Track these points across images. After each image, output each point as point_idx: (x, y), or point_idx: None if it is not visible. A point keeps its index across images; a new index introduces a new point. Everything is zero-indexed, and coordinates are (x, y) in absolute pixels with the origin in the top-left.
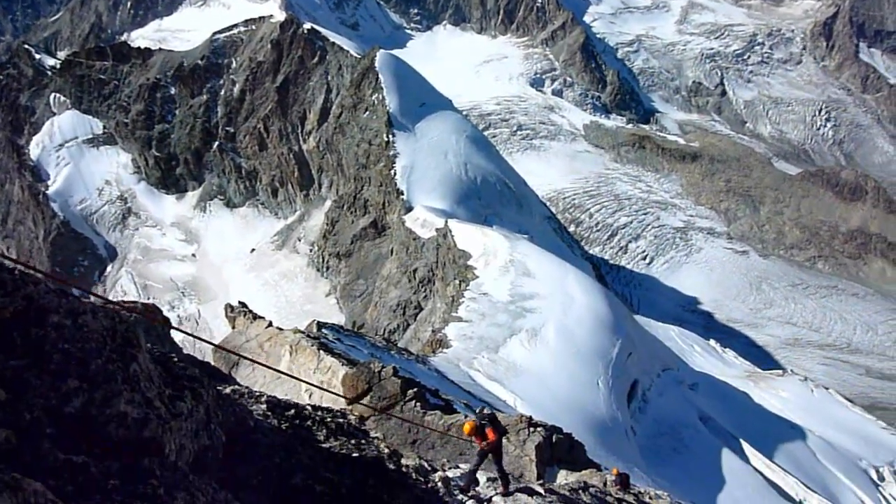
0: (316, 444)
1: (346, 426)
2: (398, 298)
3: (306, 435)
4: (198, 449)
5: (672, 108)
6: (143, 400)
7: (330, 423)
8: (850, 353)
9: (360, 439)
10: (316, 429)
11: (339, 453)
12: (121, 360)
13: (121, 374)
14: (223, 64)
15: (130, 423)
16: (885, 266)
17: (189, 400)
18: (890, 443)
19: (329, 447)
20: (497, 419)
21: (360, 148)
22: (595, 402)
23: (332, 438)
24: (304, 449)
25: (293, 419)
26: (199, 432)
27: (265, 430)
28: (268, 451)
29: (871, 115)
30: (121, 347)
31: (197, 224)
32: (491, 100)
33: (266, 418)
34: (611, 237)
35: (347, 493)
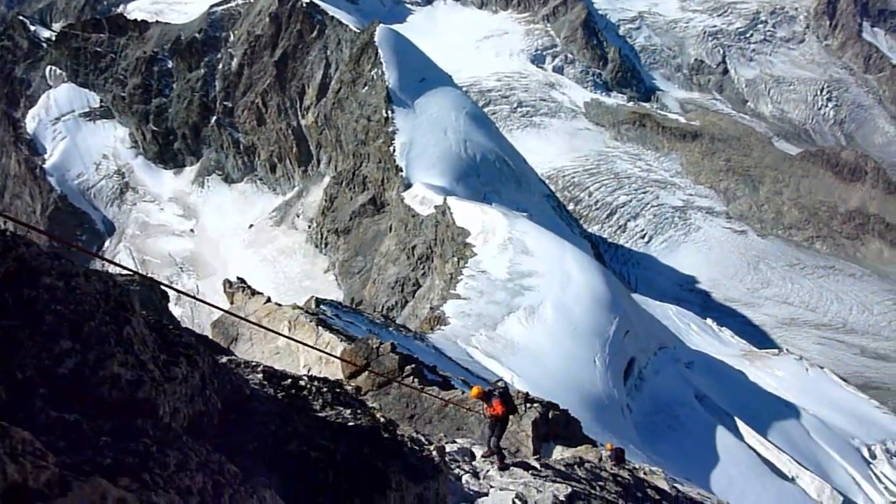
0: (312, 413)
1: (343, 396)
2: (397, 275)
3: (302, 404)
4: (193, 414)
5: (673, 87)
6: (136, 362)
7: (326, 394)
8: (846, 332)
9: (356, 409)
10: (312, 398)
11: (334, 422)
12: (114, 323)
13: (114, 337)
14: (221, 37)
15: (124, 385)
16: (883, 247)
17: (184, 366)
18: (882, 422)
19: (325, 416)
20: (510, 395)
21: (358, 124)
22: (591, 380)
23: (328, 408)
24: (300, 417)
25: (289, 389)
26: (194, 397)
27: (261, 399)
28: (263, 419)
29: (873, 95)
30: (114, 311)
31: (195, 199)
32: (491, 76)
33: (262, 387)
34: (610, 215)
35: (342, 460)
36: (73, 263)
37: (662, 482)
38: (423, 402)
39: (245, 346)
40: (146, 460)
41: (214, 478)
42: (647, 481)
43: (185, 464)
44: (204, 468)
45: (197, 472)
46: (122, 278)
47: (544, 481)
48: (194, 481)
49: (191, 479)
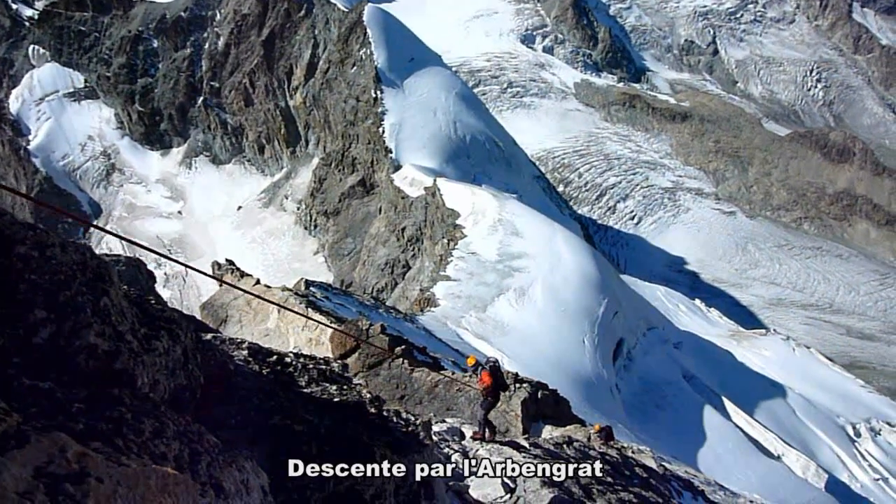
0: (297, 389)
1: (329, 373)
2: (386, 257)
3: (288, 380)
4: (174, 387)
5: (663, 67)
6: (114, 333)
7: (312, 370)
8: (832, 313)
9: (342, 385)
10: (298, 375)
11: (320, 398)
12: (91, 294)
13: (90, 307)
14: (207, 16)
15: (101, 355)
16: (870, 228)
17: (165, 339)
18: (867, 401)
19: (310, 392)
20: (500, 372)
21: (347, 104)
22: (581, 360)
23: (313, 384)
24: (285, 393)
25: (275, 365)
26: (175, 371)
27: (246, 374)
28: (247, 394)
29: (862, 76)
30: (91, 281)
31: (182, 181)
32: (481, 56)
33: (247, 364)
34: (599, 197)
35: (326, 433)
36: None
37: (650, 460)
38: (413, 382)
39: (234, 328)
40: (120, 427)
41: (192, 446)
42: (636, 460)
43: (160, 432)
44: (181, 437)
45: (173, 441)
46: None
47: (533, 460)
48: (170, 448)
49: (166, 447)
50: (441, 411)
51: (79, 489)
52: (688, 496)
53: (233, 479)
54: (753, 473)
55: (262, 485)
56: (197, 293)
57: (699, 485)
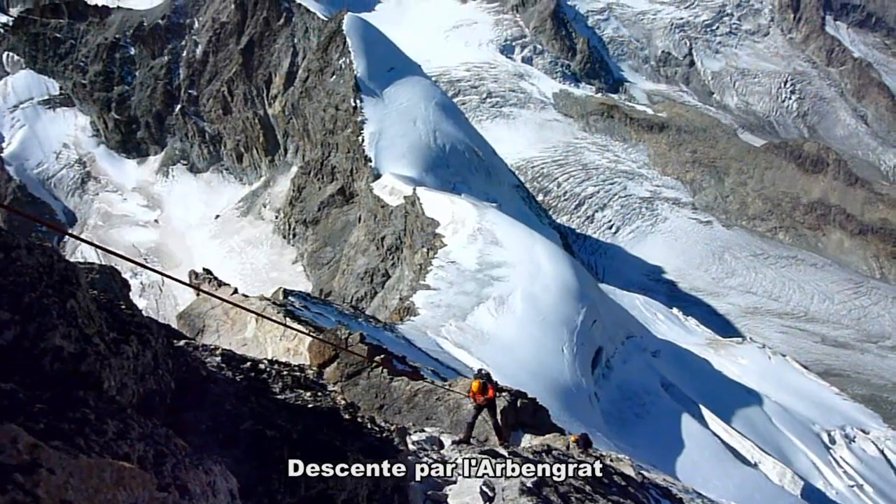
0: (271, 395)
1: (304, 380)
2: (366, 266)
3: (261, 387)
4: (144, 391)
5: (641, 78)
6: (80, 336)
7: (286, 377)
8: (808, 321)
9: (316, 391)
10: (272, 381)
11: (294, 404)
12: (57, 296)
13: (56, 309)
14: (185, 24)
15: (66, 357)
16: (844, 237)
17: (135, 344)
18: (842, 408)
19: (284, 398)
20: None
21: (326, 113)
22: (560, 369)
23: (287, 391)
24: (258, 399)
25: (249, 372)
26: (145, 376)
27: (218, 381)
28: (219, 399)
29: (835, 88)
30: (58, 284)
31: (159, 189)
32: (460, 66)
33: (221, 370)
34: (578, 206)
35: (299, 439)
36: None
37: (629, 468)
38: (393, 392)
39: (211, 337)
40: (82, 427)
41: (157, 448)
42: (614, 468)
43: (124, 433)
44: (146, 439)
45: (138, 442)
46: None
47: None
48: (133, 448)
49: (130, 447)
50: (420, 420)
51: (29, 479)
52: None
53: (199, 480)
54: (731, 481)
55: (231, 488)
56: (174, 303)
57: (677, 492)
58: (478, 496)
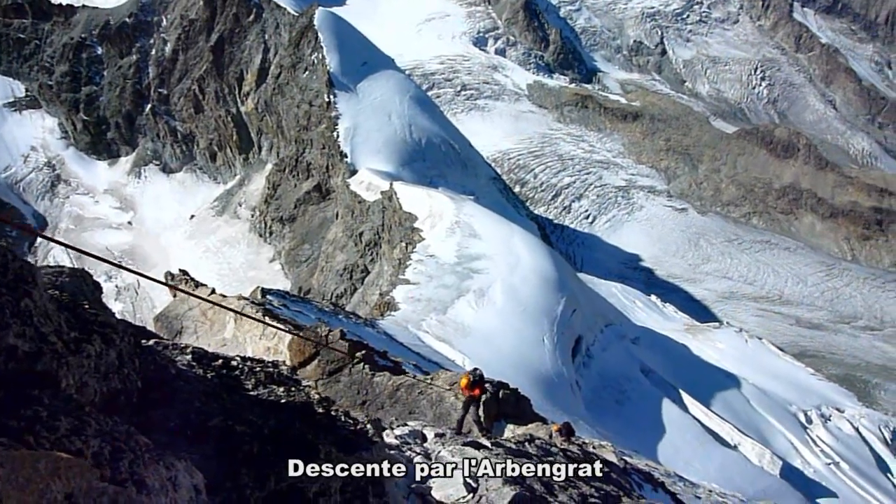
0: (243, 392)
1: (277, 375)
2: (345, 262)
3: (233, 384)
4: (107, 391)
5: (613, 68)
6: (36, 335)
7: (259, 373)
8: (782, 304)
9: (290, 387)
10: (244, 378)
11: (266, 400)
12: (11, 295)
13: (10, 309)
14: (153, 22)
15: (21, 357)
16: (815, 221)
17: (98, 343)
18: (817, 388)
19: (257, 394)
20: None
21: (300, 109)
22: (541, 359)
23: (260, 387)
24: (230, 396)
25: (220, 369)
26: (108, 375)
27: (188, 379)
28: (188, 397)
29: (804, 74)
30: (12, 283)
31: (132, 190)
32: (434, 59)
33: (191, 368)
34: (555, 197)
35: (270, 434)
36: None
37: (611, 455)
38: (375, 387)
39: (190, 338)
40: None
41: (115, 444)
42: (596, 454)
43: (79, 430)
44: (103, 435)
45: (93, 439)
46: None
47: (495, 459)
48: (87, 445)
49: (83, 444)
50: (403, 415)
51: None
52: (648, 488)
53: (158, 476)
54: (711, 463)
55: (196, 484)
56: (150, 305)
57: (659, 477)
58: (461, 487)
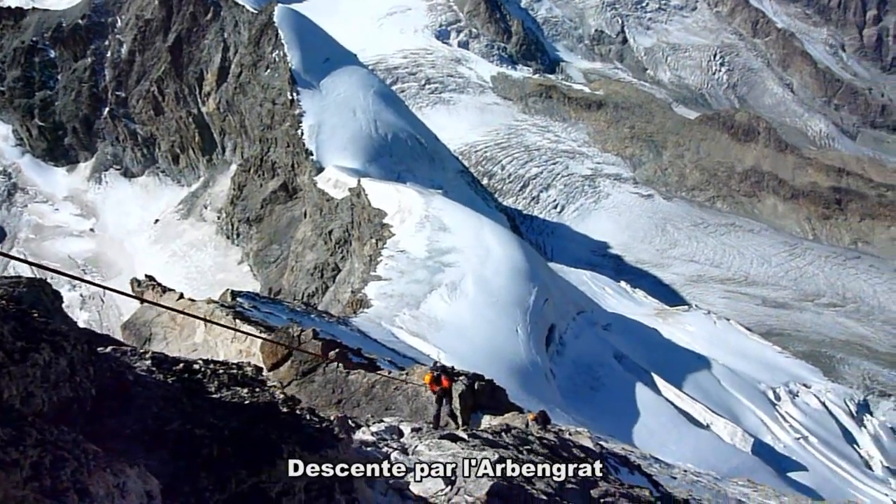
0: (205, 395)
1: (241, 377)
2: (315, 261)
3: (195, 387)
4: (58, 400)
5: (576, 57)
6: None
7: (222, 375)
8: (748, 285)
9: (254, 388)
10: (207, 381)
11: (229, 402)
12: None
13: None
14: (107, 23)
15: None
16: (777, 202)
17: (47, 352)
18: (785, 365)
19: (220, 397)
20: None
21: (263, 108)
22: (515, 349)
23: (223, 389)
24: (190, 399)
25: (181, 373)
26: (59, 384)
27: (146, 385)
28: (146, 403)
29: (762, 58)
30: None
31: (93, 197)
32: (397, 53)
33: (150, 374)
34: (523, 188)
35: (231, 436)
36: None
37: (587, 440)
38: (350, 385)
39: (160, 345)
40: None
41: (57, 454)
42: (573, 441)
43: (17, 441)
44: (44, 445)
45: (32, 449)
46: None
47: (472, 450)
48: (25, 455)
49: (20, 454)
50: (380, 411)
51: None
52: (625, 471)
53: (104, 483)
54: (685, 444)
55: (150, 489)
56: (117, 313)
57: (635, 459)
58: (439, 480)
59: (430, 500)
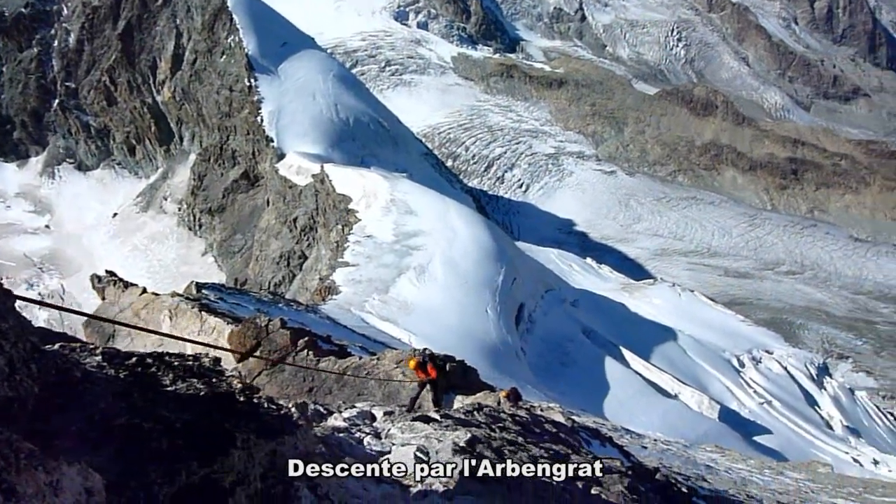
0: (159, 388)
1: (197, 368)
2: (280, 249)
3: (148, 381)
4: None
5: (536, 36)
6: None
7: (178, 368)
8: (710, 256)
9: (210, 378)
10: (161, 374)
11: (184, 394)
12: None
13: None
14: (52, 11)
15: None
16: (736, 174)
17: None
18: (748, 333)
19: (175, 389)
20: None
21: (220, 95)
22: (486, 329)
23: (179, 381)
24: (142, 393)
25: (134, 367)
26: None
27: (95, 381)
28: (94, 399)
29: (718, 33)
30: None
31: (46, 192)
32: (355, 36)
33: (101, 369)
34: (487, 168)
35: (183, 428)
36: None
37: (559, 416)
38: (321, 373)
39: (124, 341)
40: None
41: None
42: (544, 417)
43: None
44: None
45: None
46: None
47: (445, 431)
48: None
49: None
50: (352, 397)
51: None
52: (596, 444)
53: (33, 482)
54: (655, 413)
55: (89, 486)
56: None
57: (606, 432)
58: (412, 461)
59: (405, 481)
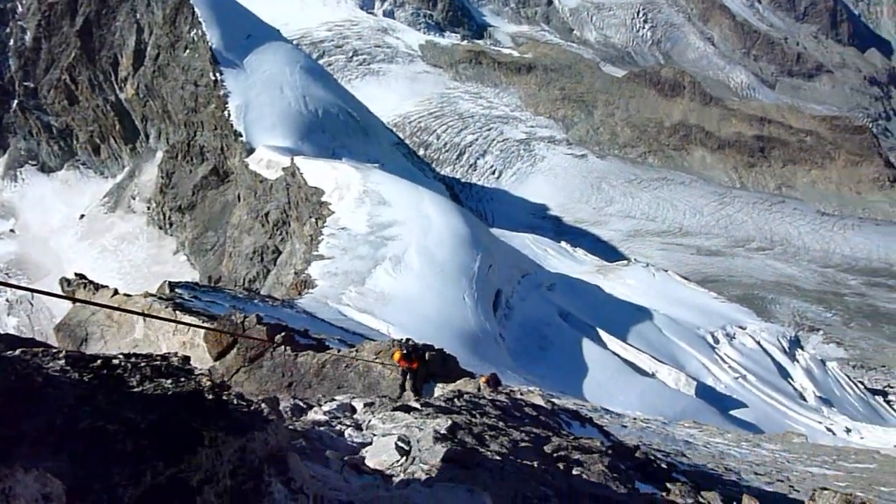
0: (125, 390)
1: (165, 368)
2: (253, 245)
3: (114, 383)
4: None
5: (503, 21)
6: None
7: (144, 368)
8: (683, 236)
9: (178, 377)
10: (128, 375)
11: (151, 394)
12: None
13: None
14: (6, 9)
15: None
16: (705, 154)
17: None
18: (721, 310)
19: (141, 390)
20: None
21: (185, 90)
22: (464, 317)
23: (146, 382)
24: (106, 396)
25: (100, 370)
26: None
27: (58, 385)
28: (56, 403)
29: (683, 14)
30: None
31: (9, 195)
32: (321, 26)
33: (64, 373)
34: (459, 156)
35: (149, 428)
36: None
37: (538, 399)
38: (299, 367)
39: (97, 345)
40: None
41: None
42: (524, 401)
43: None
44: None
45: None
46: None
47: (426, 419)
48: None
49: None
50: (332, 390)
51: None
52: (576, 425)
53: None
54: (633, 392)
55: (47, 492)
56: (49, 315)
57: (586, 413)
58: (394, 452)
59: (387, 472)
